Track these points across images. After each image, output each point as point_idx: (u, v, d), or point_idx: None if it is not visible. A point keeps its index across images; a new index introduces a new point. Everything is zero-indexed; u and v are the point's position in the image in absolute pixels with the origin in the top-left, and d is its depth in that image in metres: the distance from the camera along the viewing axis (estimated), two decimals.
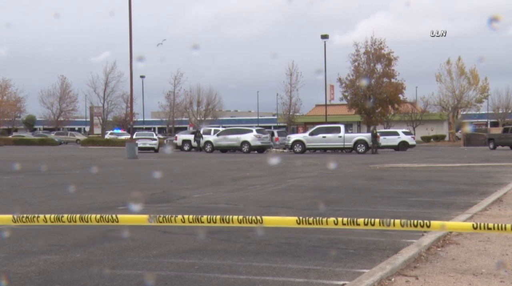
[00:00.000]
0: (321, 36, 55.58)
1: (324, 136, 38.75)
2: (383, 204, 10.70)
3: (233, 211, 9.77)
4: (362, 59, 56.78)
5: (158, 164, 27.00)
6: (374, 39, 56.36)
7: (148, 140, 44.41)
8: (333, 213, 9.58)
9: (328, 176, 18.44)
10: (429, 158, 30.52)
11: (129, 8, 32.44)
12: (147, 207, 10.19)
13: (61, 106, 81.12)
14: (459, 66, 66.95)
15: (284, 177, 17.78)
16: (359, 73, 56.07)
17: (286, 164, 26.03)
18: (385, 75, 56.25)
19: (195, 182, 16.01)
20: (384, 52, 56.14)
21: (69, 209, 9.86)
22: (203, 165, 25.68)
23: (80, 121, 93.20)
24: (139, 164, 26.63)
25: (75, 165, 24.79)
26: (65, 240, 7.10)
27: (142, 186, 15.10)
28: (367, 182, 16.07)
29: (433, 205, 10.72)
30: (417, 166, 23.49)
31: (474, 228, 3.06)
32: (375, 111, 56.76)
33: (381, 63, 56.45)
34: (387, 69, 56.24)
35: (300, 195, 12.49)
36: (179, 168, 23.44)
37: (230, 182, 16.23)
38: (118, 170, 22.19)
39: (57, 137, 67.60)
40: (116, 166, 25.05)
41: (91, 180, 16.73)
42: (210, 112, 78.03)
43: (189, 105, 77.56)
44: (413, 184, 15.13)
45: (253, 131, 41.15)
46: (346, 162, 27.41)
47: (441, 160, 28.36)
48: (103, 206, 10.48)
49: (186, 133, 50.87)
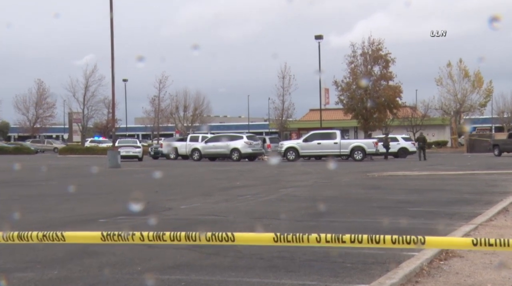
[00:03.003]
0: (315, 37, 55.79)
1: (319, 143, 38.81)
2: (381, 215, 10.70)
3: (222, 223, 9.73)
4: (359, 60, 57.01)
5: (142, 173, 26.91)
6: (372, 40, 56.62)
7: (132, 148, 44.27)
8: (328, 224, 9.57)
9: (323, 185, 18.43)
10: (430, 165, 30.61)
11: (110, 8, 32.45)
12: (130, 220, 10.13)
13: (37, 112, 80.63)
14: (461, 68, 67.37)
15: (277, 186, 17.76)
16: (355, 76, 56.26)
17: (279, 172, 26.00)
18: (383, 77, 56.50)
19: (182, 192, 15.95)
20: (382, 53, 56.39)
21: (45, 223, 9.78)
22: (191, 174, 25.61)
23: (58, 128, 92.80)
24: (122, 173, 26.51)
25: (52, 175, 24.63)
26: (42, 256, 7.04)
27: (125, 196, 15.02)
28: (364, 191, 16.07)
29: (435, 215, 10.74)
30: (418, 173, 23.55)
31: (474, 245, 3.03)
32: (373, 116, 56.95)
33: (378, 65, 56.70)
34: (384, 71, 56.50)
35: (294, 205, 12.47)
36: (165, 177, 23.36)
37: (219, 192, 16.18)
38: (100, 180, 22.07)
39: (33, 146, 67.27)
40: (98, 175, 24.92)
41: (70, 191, 16.62)
42: (197, 118, 77.97)
43: (175, 111, 77.49)
44: (414, 193, 15.16)
45: (243, 138, 41.16)
46: (342, 170, 27.42)
47: (443, 167, 28.47)
48: (83, 219, 10.40)
49: (172, 140, 50.82)
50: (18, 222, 10.01)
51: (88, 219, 10.26)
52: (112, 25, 32.58)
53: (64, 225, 9.38)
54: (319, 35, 55.92)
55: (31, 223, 9.65)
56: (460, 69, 67.35)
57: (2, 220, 10.25)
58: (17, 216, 10.79)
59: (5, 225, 9.03)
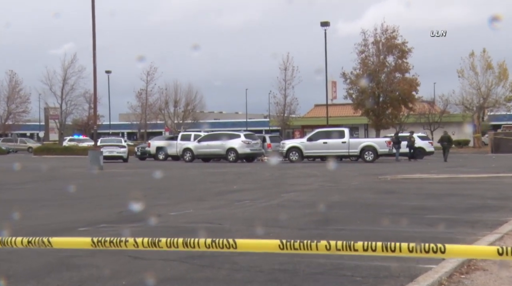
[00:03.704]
0: (321, 24, 55.82)
1: (325, 142, 38.84)
2: (395, 223, 10.72)
3: (217, 231, 9.75)
4: (370, 50, 57.03)
5: (127, 175, 26.91)
6: (385, 27, 56.62)
7: (116, 148, 44.28)
8: (335, 233, 9.59)
9: (330, 189, 18.45)
10: (450, 167, 30.63)
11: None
12: (113, 228, 10.14)
13: (9, 108, 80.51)
14: (484, 58, 67.37)
15: (278, 191, 17.77)
16: (366, 67, 56.30)
17: (280, 174, 26.00)
18: (398, 69, 56.49)
19: (173, 197, 15.97)
20: (397, 42, 56.36)
21: (18, 232, 9.78)
22: (182, 177, 25.62)
23: (33, 126, 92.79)
24: (105, 176, 26.51)
25: (27, 178, 24.63)
26: (15, 269, 7.05)
27: (108, 202, 15.04)
28: (376, 196, 16.10)
29: (455, 223, 10.76)
30: (436, 176, 23.58)
31: (500, 254, 3.00)
32: (386, 112, 56.98)
33: (393, 55, 56.70)
34: (399, 63, 56.50)
35: (297, 212, 12.49)
36: (153, 180, 23.36)
37: (214, 196, 16.19)
38: (80, 184, 22.07)
39: (5, 145, 67.23)
40: (77, 178, 24.92)
41: (47, 196, 16.63)
42: (189, 114, 78.02)
43: (165, 106, 77.51)
44: (431, 199, 15.18)
45: (240, 137, 41.17)
46: (351, 172, 27.44)
47: (465, 169, 28.49)
48: (61, 227, 10.42)
49: (161, 139, 50.85)
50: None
51: (67, 227, 10.27)
52: (93, 10, 32.58)
53: (39, 234, 9.37)
54: (325, 22, 55.93)
55: None
56: (484, 59, 67.33)
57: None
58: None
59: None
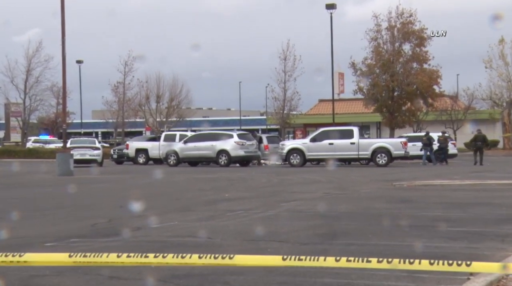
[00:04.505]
0: (326, 6, 55.94)
1: (330, 143, 38.87)
2: (412, 236, 10.72)
3: (206, 246, 9.74)
4: (384, 37, 57.14)
5: (102, 182, 26.87)
6: (401, 10, 56.72)
7: (88, 150, 44.25)
8: (343, 248, 9.59)
9: (337, 198, 18.45)
10: (476, 172, 30.66)
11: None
12: (85, 243, 10.13)
13: None
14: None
15: (277, 199, 17.77)
16: (379, 56, 56.38)
17: (279, 181, 25.99)
18: (416, 59, 56.61)
19: (155, 207, 15.94)
20: (414, 28, 56.44)
21: None
22: (166, 183, 25.59)
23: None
24: (75, 182, 26.46)
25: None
26: None
27: (80, 213, 15.02)
28: (390, 205, 16.10)
29: (482, 237, 10.77)
30: (460, 183, 23.60)
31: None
32: (402, 108, 57.05)
33: (410, 42, 56.80)
34: (418, 51, 56.59)
35: (298, 224, 12.49)
36: (132, 188, 23.32)
37: (203, 206, 16.18)
38: (47, 192, 22.03)
39: None
40: (44, 185, 24.87)
41: (6, 207, 16.59)
42: (174, 110, 78.05)
43: (145, 102, 77.53)
44: (454, 209, 15.19)
45: (233, 137, 41.18)
46: (361, 177, 27.44)
47: (493, 174, 28.52)
48: (25, 242, 10.39)
49: (141, 139, 50.81)
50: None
51: (30, 243, 10.24)
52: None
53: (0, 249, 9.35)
54: (331, 4, 56.05)
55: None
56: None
57: None
58: None
59: None
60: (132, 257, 3.42)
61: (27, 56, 71.89)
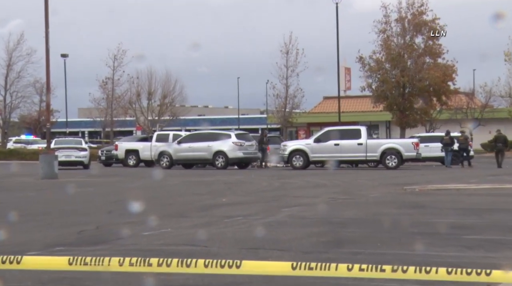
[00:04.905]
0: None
1: (336, 143, 38.86)
2: (425, 245, 10.73)
3: (202, 255, 9.72)
4: (393, 29, 57.14)
5: (89, 186, 26.86)
6: (412, 0, 56.69)
7: (74, 151, 44.23)
8: (350, 257, 9.60)
9: (343, 203, 18.46)
10: (493, 175, 30.66)
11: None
12: (71, 251, 10.14)
13: None
14: None
15: (278, 205, 17.78)
16: (389, 50, 56.35)
17: (281, 184, 26.01)
18: (428, 52, 56.58)
19: (146, 213, 15.93)
20: (426, 19, 56.47)
21: None
22: (158, 187, 25.60)
23: None
24: (60, 186, 26.45)
25: None
26: None
27: (65, 219, 15.02)
28: (401, 211, 16.11)
29: (500, 246, 10.78)
30: (476, 187, 23.62)
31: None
32: (413, 106, 57.02)
33: (422, 35, 56.79)
34: (430, 44, 56.57)
35: (301, 231, 12.49)
36: (122, 192, 23.31)
37: (198, 212, 16.19)
38: (30, 196, 22.02)
39: None
40: (26, 189, 24.86)
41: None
42: (167, 108, 77.98)
43: (136, 99, 77.41)
44: (471, 215, 15.20)
45: (231, 137, 41.18)
46: (369, 181, 27.45)
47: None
48: (7, 250, 10.40)
49: (131, 140, 50.78)
50: None
51: (13, 252, 10.25)
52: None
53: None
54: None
55: None
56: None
57: None
58: None
59: None
60: (135, 265, 3.49)
61: (7, 50, 71.80)
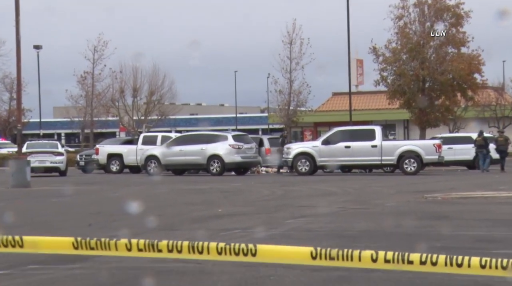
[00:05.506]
0: None
1: (347, 146, 38.86)
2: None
3: (194, 274, 9.71)
4: (411, 15, 57.09)
5: (65, 195, 26.82)
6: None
7: (49, 156, 44.24)
8: (363, 275, 9.59)
9: (355, 213, 18.45)
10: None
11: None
12: (46, 270, 10.12)
13: None
14: None
15: (281, 216, 17.78)
16: (406, 39, 56.29)
17: (284, 192, 26.00)
18: (451, 42, 56.51)
19: (131, 225, 15.92)
20: (448, 3, 56.40)
21: None
22: (145, 196, 25.57)
23: None
24: (33, 195, 26.44)
25: None
26: None
27: (39, 233, 14.97)
28: (421, 222, 16.10)
29: None
30: (507, 195, 23.60)
31: None
32: (434, 103, 56.94)
33: (443, 21, 56.70)
34: (454, 32, 56.50)
35: (308, 245, 12.45)
36: (104, 202, 23.29)
37: (190, 224, 16.20)
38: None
39: None
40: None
41: None
42: (155, 107, 77.99)
43: (120, 96, 77.43)
44: (500, 226, 15.19)
45: (228, 139, 41.17)
46: (385, 188, 27.44)
47: None
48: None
49: (114, 143, 50.79)
50: None
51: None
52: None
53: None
54: None
55: None
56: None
57: None
58: None
59: None
60: (141, 247, 3.66)
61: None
